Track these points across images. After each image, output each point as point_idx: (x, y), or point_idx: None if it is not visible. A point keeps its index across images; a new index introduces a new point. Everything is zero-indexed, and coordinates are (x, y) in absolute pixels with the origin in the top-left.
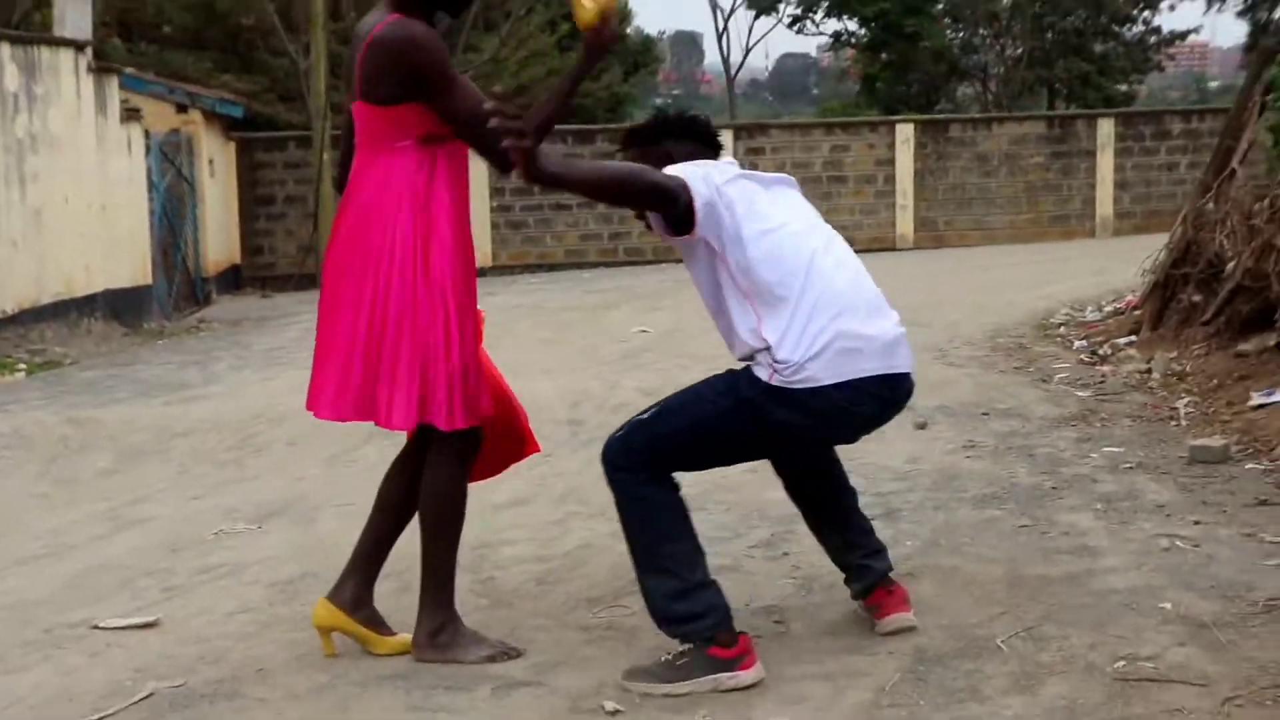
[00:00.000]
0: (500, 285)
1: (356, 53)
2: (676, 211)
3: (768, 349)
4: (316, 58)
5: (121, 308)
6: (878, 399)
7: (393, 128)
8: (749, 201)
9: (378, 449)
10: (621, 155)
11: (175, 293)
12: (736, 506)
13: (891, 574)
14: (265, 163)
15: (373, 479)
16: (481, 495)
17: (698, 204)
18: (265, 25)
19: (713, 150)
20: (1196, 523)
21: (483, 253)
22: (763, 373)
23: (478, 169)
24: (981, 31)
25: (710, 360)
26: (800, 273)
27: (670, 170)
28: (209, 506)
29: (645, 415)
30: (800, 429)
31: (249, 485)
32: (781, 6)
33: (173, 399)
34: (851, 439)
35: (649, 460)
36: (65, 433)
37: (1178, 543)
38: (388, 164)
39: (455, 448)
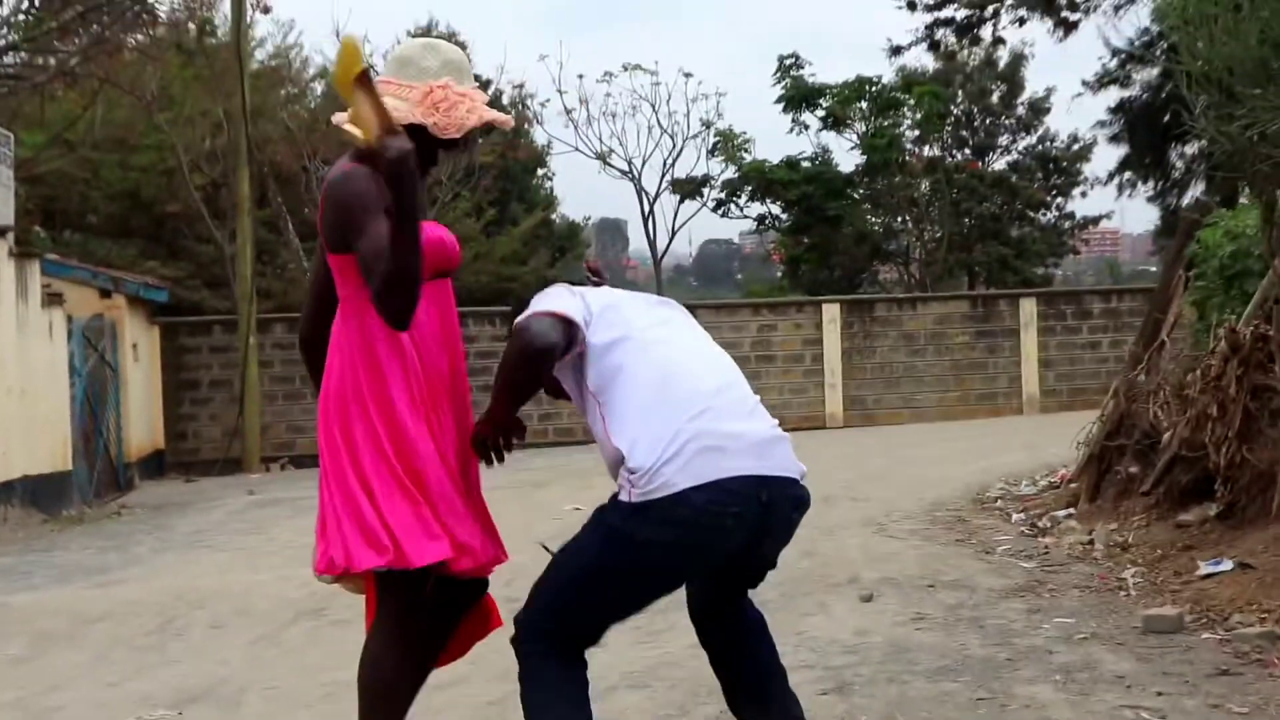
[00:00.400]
0: None
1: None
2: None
3: (621, 460)
4: (243, 243)
5: (40, 494)
6: (753, 501)
7: (337, 276)
8: (614, 308)
9: (304, 629)
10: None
11: (96, 479)
12: (682, 683)
13: None
14: (190, 347)
15: (300, 660)
16: None
17: (579, 320)
18: (191, 213)
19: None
20: (1160, 694)
21: None
22: (623, 494)
23: None
24: (901, 218)
25: None
26: (657, 375)
27: (537, 299)
28: (126, 694)
29: (539, 579)
30: (672, 546)
31: (169, 670)
32: (706, 191)
33: (89, 583)
34: (751, 560)
35: (551, 626)
36: None
37: (1143, 714)
38: (339, 314)
39: (382, 608)
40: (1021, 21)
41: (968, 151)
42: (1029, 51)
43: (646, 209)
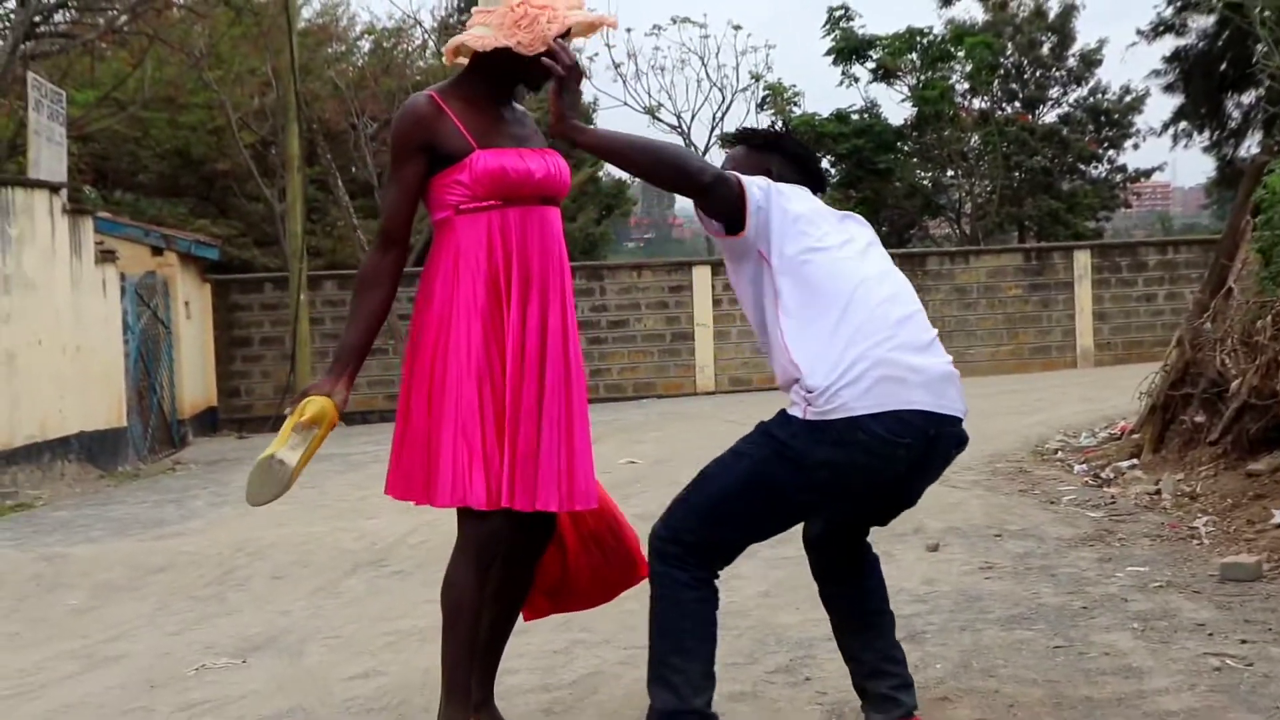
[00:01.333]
0: None
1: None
2: (714, 202)
3: (797, 378)
4: (292, 201)
5: (96, 450)
6: (923, 436)
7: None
8: (809, 220)
9: (364, 580)
10: (725, 149)
11: (151, 435)
12: (749, 631)
13: (916, 712)
14: (241, 304)
15: (360, 610)
16: None
17: (750, 205)
18: (240, 171)
19: (816, 189)
20: (1243, 641)
21: None
22: (796, 410)
23: None
24: (951, 171)
25: None
26: (844, 296)
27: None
28: (189, 642)
29: (684, 491)
30: (841, 467)
31: (231, 620)
32: None
33: (148, 536)
34: (900, 492)
35: (696, 538)
36: (36, 570)
37: (1228, 662)
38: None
39: (464, 535)
40: None
41: (1018, 104)
42: (1080, 1)
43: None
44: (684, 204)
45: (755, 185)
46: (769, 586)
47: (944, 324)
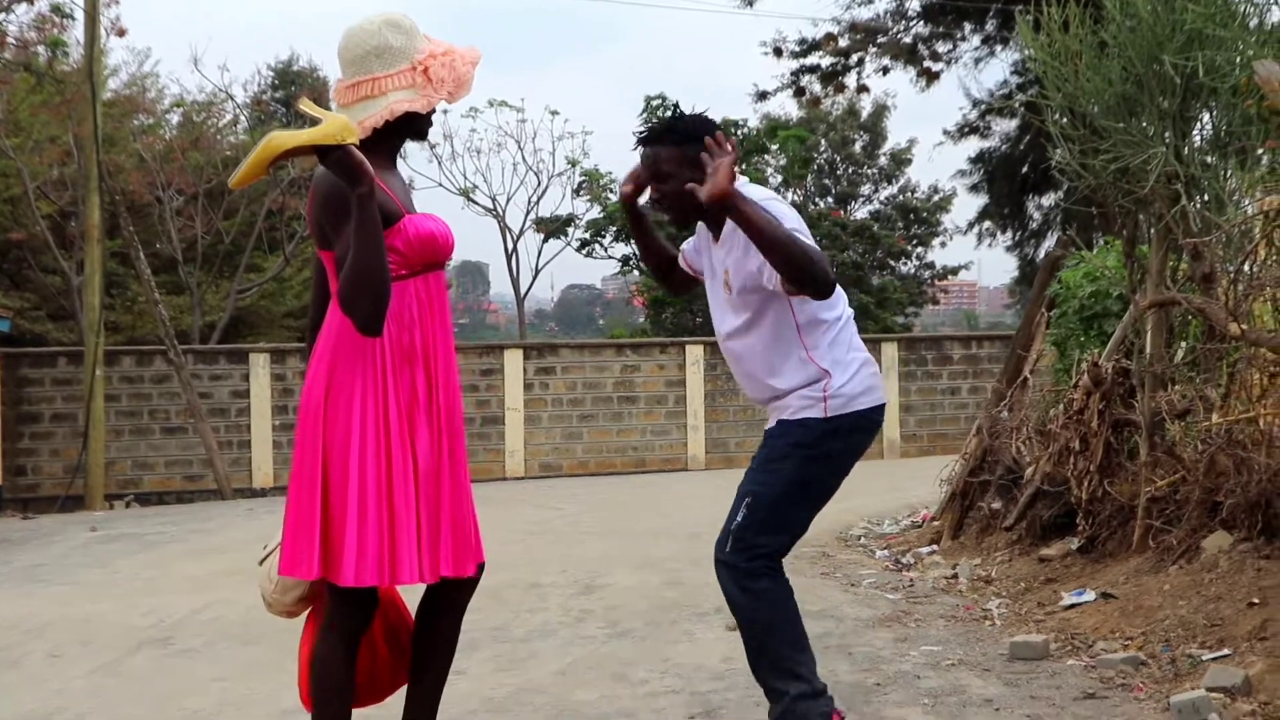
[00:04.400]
0: None
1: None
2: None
3: (816, 382)
4: (90, 273)
5: None
6: (877, 428)
7: (328, 272)
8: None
9: (150, 658)
10: (646, 150)
11: None
12: (545, 708)
13: None
14: (32, 379)
15: (145, 689)
16: None
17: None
18: (36, 242)
19: None
20: (1028, 716)
21: (262, 473)
22: (813, 411)
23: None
24: None
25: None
26: (840, 302)
27: (784, 221)
28: None
29: (741, 516)
30: (856, 450)
31: (2, 699)
32: (570, 230)
33: None
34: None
35: (771, 546)
36: None
37: None
38: (330, 310)
39: (339, 610)
40: (885, 70)
41: (830, 200)
42: (891, 103)
43: (510, 247)
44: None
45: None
46: (565, 665)
47: (755, 412)
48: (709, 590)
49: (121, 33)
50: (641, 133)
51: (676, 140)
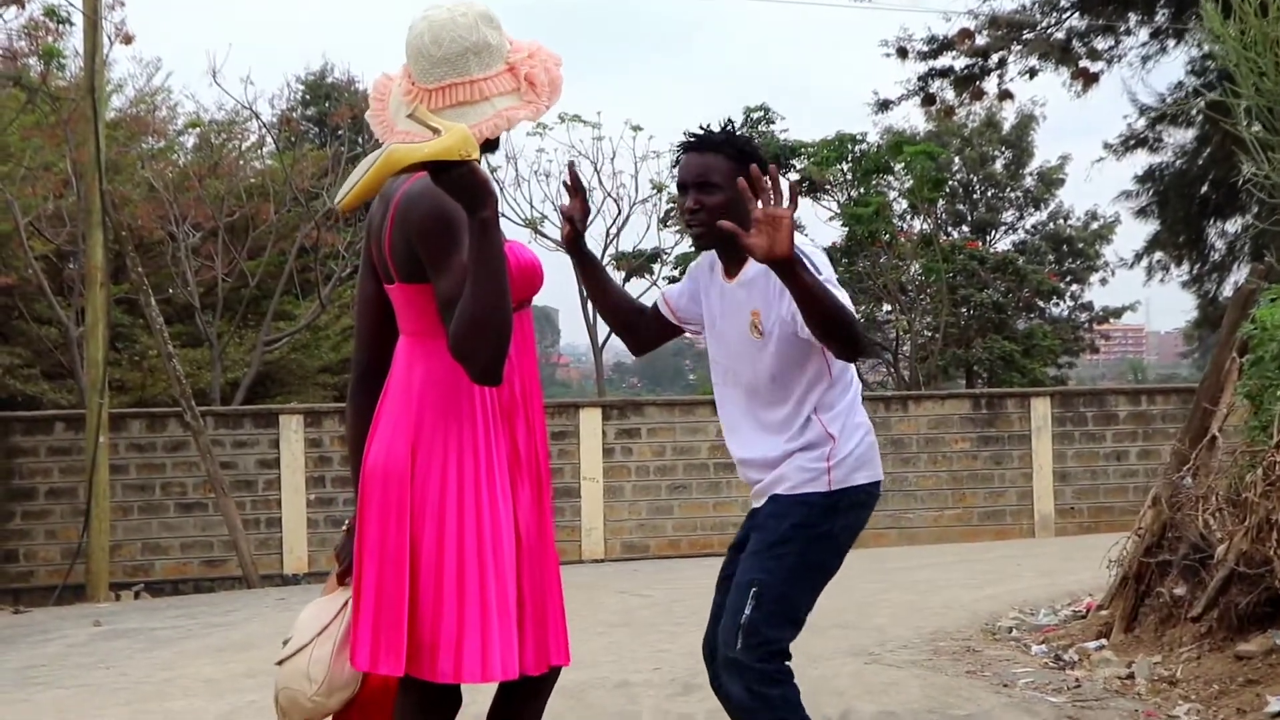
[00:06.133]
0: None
1: (385, 221)
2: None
3: (820, 447)
4: (93, 323)
5: None
6: (875, 503)
7: (408, 309)
8: None
9: None
10: (695, 156)
11: None
12: None
13: None
14: (24, 448)
15: None
16: None
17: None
18: (29, 288)
19: None
20: None
21: (295, 556)
22: (815, 485)
23: None
24: (886, 306)
25: None
26: (851, 374)
27: (821, 273)
28: None
29: (750, 609)
30: (856, 527)
31: None
32: (657, 267)
33: None
34: None
35: (786, 639)
36: None
37: None
38: (405, 356)
39: (423, 708)
40: (1032, 73)
41: (966, 229)
42: (1040, 112)
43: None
44: (571, 341)
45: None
46: None
47: None
48: (829, 690)
49: (128, 40)
50: (693, 137)
51: (735, 155)
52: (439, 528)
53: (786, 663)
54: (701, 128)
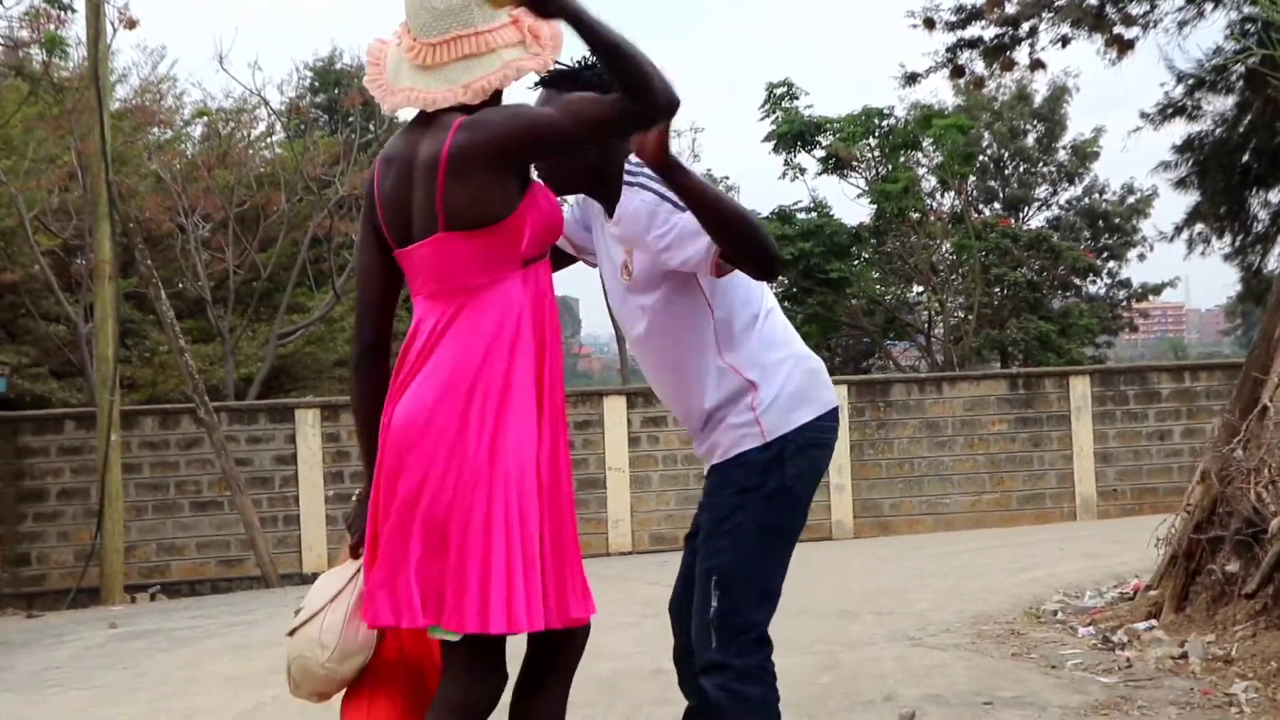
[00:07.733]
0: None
1: (418, 179)
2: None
3: (741, 398)
4: (102, 318)
5: None
6: (833, 439)
7: (465, 259)
8: None
9: None
10: (544, 94)
11: None
12: None
13: None
14: (35, 448)
15: None
16: None
17: None
18: (35, 284)
19: None
20: None
21: (314, 554)
22: (748, 443)
23: None
24: (917, 288)
25: None
26: (763, 293)
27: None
28: None
29: (715, 601)
30: (815, 475)
31: None
32: None
33: None
34: None
35: (757, 619)
36: None
37: None
38: (456, 313)
39: (478, 655)
40: (1064, 41)
41: (998, 206)
42: (1073, 83)
43: None
44: (592, 331)
45: None
46: None
47: (912, 466)
48: (871, 675)
49: (132, 25)
50: (544, 76)
51: (583, 87)
52: (486, 482)
53: (769, 654)
54: (557, 62)
